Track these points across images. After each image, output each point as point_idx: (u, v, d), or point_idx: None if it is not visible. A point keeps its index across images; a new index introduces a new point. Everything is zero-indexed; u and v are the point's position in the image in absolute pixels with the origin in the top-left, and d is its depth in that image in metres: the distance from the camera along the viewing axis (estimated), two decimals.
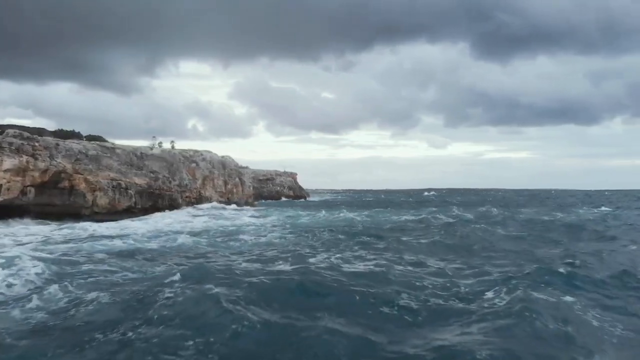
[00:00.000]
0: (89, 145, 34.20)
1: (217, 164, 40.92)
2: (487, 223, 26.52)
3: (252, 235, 21.36)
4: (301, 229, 24.31)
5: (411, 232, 22.93)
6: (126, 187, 34.88)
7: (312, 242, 18.35)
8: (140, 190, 35.60)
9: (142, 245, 18.00)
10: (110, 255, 15.12)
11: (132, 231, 22.97)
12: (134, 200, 35.01)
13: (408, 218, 31.98)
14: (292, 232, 22.39)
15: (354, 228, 24.04)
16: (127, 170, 35.64)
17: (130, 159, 36.21)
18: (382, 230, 23.67)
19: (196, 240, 19.35)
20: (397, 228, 25.19)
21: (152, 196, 36.20)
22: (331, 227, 23.65)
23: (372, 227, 25.48)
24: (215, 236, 21.05)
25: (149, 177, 36.52)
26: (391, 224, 28.10)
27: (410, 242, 18.29)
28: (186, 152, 39.82)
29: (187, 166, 38.98)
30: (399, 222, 29.72)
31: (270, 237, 20.69)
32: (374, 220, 30.65)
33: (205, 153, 40.65)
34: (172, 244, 18.29)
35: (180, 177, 38.11)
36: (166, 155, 37.99)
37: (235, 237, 20.35)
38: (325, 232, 21.03)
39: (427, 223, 27.66)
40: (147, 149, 37.43)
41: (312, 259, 13.66)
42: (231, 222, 29.53)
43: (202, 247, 17.99)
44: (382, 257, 13.92)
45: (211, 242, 19.08)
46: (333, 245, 17.10)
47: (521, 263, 13.16)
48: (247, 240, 19.49)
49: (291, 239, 19.77)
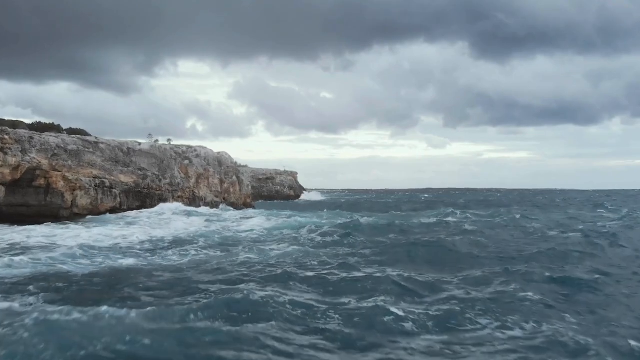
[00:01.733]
0: (69, 139, 30.68)
1: (213, 161, 37.43)
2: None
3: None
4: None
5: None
6: (111, 185, 31.39)
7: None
8: (127, 189, 32.11)
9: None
10: None
11: (65, 242, 17.95)
12: (119, 201, 31.51)
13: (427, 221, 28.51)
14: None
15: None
16: (112, 167, 32.14)
17: (115, 155, 32.71)
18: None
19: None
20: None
21: (139, 196, 32.71)
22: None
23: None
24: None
25: (136, 175, 33.03)
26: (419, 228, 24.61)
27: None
28: (178, 147, 36.33)
29: (179, 163, 35.49)
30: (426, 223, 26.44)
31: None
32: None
33: (199, 149, 37.17)
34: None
35: (171, 175, 34.63)
36: (156, 150, 34.51)
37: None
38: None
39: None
40: (135, 144, 33.94)
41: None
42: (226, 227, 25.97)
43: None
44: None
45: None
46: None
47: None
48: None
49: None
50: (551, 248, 16.07)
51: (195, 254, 15.65)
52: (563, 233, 21.10)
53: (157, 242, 18.83)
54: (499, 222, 27.59)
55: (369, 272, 11.73)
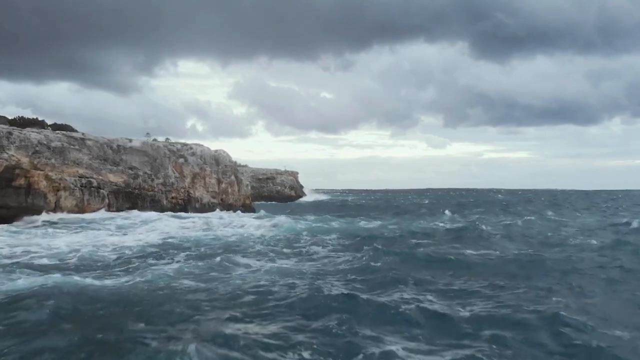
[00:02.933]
0: (52, 136, 28.34)
1: (210, 159, 35.05)
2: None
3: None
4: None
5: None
6: (98, 185, 29.07)
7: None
8: (116, 189, 29.77)
9: None
10: None
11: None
12: (108, 202, 29.18)
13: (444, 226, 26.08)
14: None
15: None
16: (100, 166, 29.82)
17: (104, 153, 30.37)
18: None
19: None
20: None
21: (130, 197, 30.38)
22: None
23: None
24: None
25: (126, 174, 30.69)
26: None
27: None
28: (173, 145, 33.96)
29: (173, 161, 33.13)
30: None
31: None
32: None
33: (195, 146, 34.78)
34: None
35: (165, 174, 32.28)
36: (148, 148, 32.15)
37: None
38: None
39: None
40: (126, 141, 31.59)
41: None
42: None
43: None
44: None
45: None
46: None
47: None
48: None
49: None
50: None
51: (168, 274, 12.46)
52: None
53: (126, 252, 16.35)
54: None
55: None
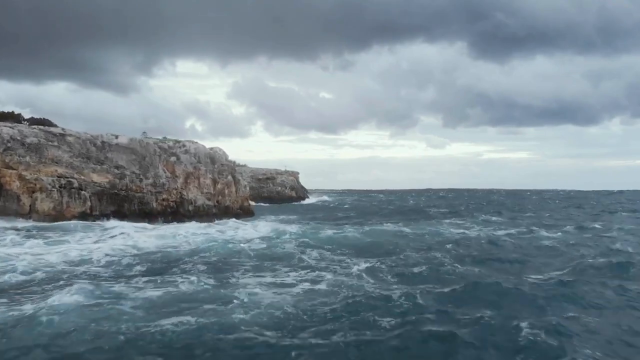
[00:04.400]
0: (28, 131, 25.43)
1: (204, 157, 32.11)
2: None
3: None
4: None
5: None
6: (80, 186, 26.14)
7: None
8: (100, 190, 26.83)
9: None
10: None
11: None
12: (90, 205, 26.23)
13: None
14: None
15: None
16: (83, 165, 26.89)
17: (87, 150, 27.43)
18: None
19: None
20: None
21: (115, 199, 27.43)
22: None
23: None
24: None
25: (112, 174, 27.76)
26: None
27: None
28: (164, 142, 31.01)
29: (164, 160, 30.19)
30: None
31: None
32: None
33: (188, 144, 31.85)
34: None
35: (155, 174, 29.34)
36: (136, 145, 29.20)
37: None
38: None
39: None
40: (111, 137, 28.64)
41: None
42: None
43: None
44: None
45: None
46: None
47: None
48: None
49: None
50: None
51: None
52: None
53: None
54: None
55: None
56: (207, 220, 30.54)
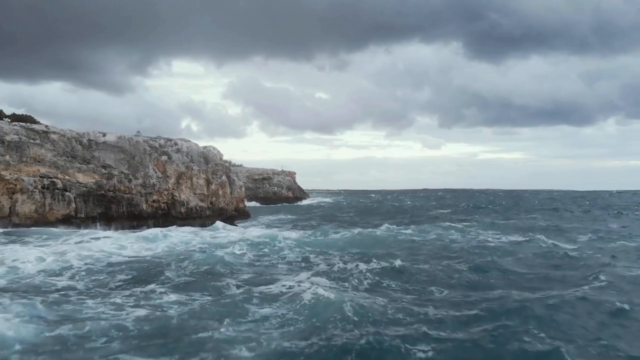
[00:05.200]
0: (8, 128, 23.87)
1: (197, 156, 30.59)
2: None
3: None
4: None
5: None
6: (64, 187, 24.60)
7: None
8: (86, 191, 25.29)
9: None
10: None
11: None
12: (75, 207, 24.69)
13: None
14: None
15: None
16: (67, 164, 25.35)
17: (72, 148, 25.88)
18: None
19: None
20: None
21: (102, 200, 25.90)
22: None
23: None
24: None
25: (99, 174, 26.23)
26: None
27: None
28: (154, 140, 29.46)
29: (155, 159, 28.65)
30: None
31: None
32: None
33: (180, 142, 30.31)
34: None
35: (145, 174, 27.81)
36: (125, 143, 27.65)
37: None
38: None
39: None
40: (98, 135, 27.08)
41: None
42: None
43: None
44: None
45: None
46: None
47: None
48: None
49: None
50: None
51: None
52: None
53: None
54: None
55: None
56: (200, 223, 29.08)
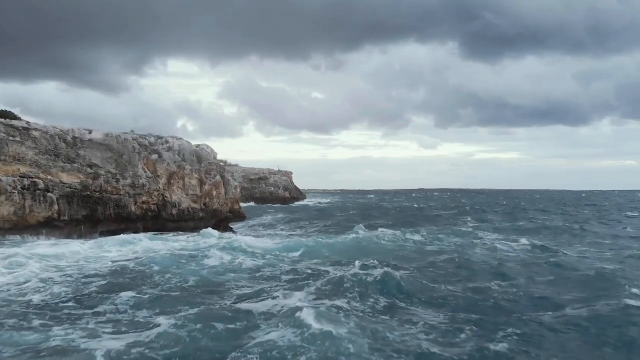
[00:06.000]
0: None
1: (190, 155, 28.99)
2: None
3: None
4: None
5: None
6: (46, 188, 22.97)
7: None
8: (70, 192, 23.67)
9: None
10: None
11: None
12: (58, 209, 23.06)
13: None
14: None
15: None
16: (50, 163, 23.71)
17: (55, 146, 24.24)
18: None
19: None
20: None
21: (88, 202, 24.27)
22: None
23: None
24: None
25: (84, 174, 24.60)
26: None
27: None
28: (144, 138, 27.85)
29: (144, 158, 27.04)
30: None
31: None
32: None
33: (172, 140, 28.70)
34: None
35: (134, 174, 26.20)
36: (113, 141, 26.02)
37: None
38: None
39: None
40: (84, 132, 25.44)
41: None
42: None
43: None
44: None
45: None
46: None
47: None
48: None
49: None
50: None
51: None
52: None
53: None
54: None
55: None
56: (192, 226, 27.56)
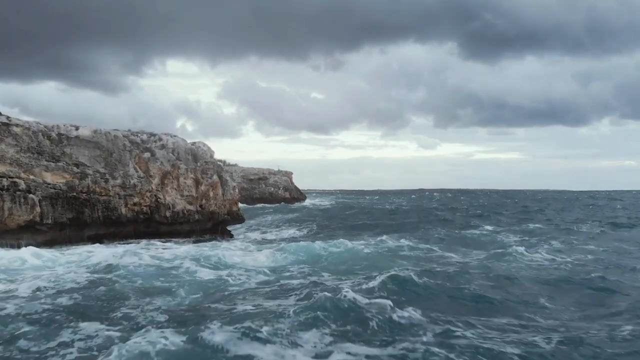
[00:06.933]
0: None
1: (185, 154, 27.16)
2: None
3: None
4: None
5: None
6: (28, 188, 21.12)
7: None
8: (54, 193, 21.83)
9: None
10: None
11: None
12: (40, 211, 21.21)
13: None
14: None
15: None
16: (33, 162, 21.87)
17: (38, 144, 22.41)
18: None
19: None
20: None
21: (74, 204, 22.44)
22: None
23: None
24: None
25: (70, 173, 22.76)
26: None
27: None
28: (136, 135, 26.01)
29: (136, 156, 25.21)
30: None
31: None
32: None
33: (165, 137, 26.86)
34: None
35: (124, 174, 24.38)
36: (102, 138, 24.19)
37: None
38: None
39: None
40: (70, 129, 23.60)
41: None
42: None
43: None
44: None
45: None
46: None
47: None
48: None
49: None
50: None
51: None
52: None
53: None
54: None
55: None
56: (187, 229, 25.79)
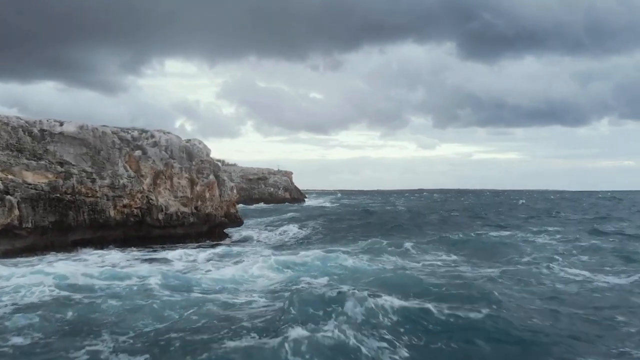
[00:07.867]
0: None
1: (179, 152, 25.34)
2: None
3: None
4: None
5: None
6: (5, 189, 19.31)
7: None
8: (35, 195, 20.00)
9: None
10: None
11: None
12: (18, 214, 19.38)
13: None
14: None
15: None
16: (11, 160, 20.06)
17: (18, 140, 20.59)
18: None
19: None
20: None
21: (57, 205, 20.61)
22: None
23: None
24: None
25: (53, 172, 20.94)
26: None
27: None
28: (126, 131, 24.18)
29: (126, 154, 23.39)
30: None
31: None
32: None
33: (158, 134, 25.02)
34: None
35: (113, 173, 22.57)
36: (88, 135, 22.37)
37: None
38: None
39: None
40: (54, 124, 21.77)
41: None
42: None
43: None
44: None
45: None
46: None
47: None
48: None
49: None
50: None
51: None
52: None
53: None
54: None
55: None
56: (181, 232, 24.02)
